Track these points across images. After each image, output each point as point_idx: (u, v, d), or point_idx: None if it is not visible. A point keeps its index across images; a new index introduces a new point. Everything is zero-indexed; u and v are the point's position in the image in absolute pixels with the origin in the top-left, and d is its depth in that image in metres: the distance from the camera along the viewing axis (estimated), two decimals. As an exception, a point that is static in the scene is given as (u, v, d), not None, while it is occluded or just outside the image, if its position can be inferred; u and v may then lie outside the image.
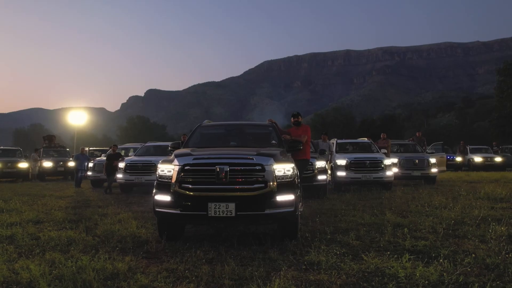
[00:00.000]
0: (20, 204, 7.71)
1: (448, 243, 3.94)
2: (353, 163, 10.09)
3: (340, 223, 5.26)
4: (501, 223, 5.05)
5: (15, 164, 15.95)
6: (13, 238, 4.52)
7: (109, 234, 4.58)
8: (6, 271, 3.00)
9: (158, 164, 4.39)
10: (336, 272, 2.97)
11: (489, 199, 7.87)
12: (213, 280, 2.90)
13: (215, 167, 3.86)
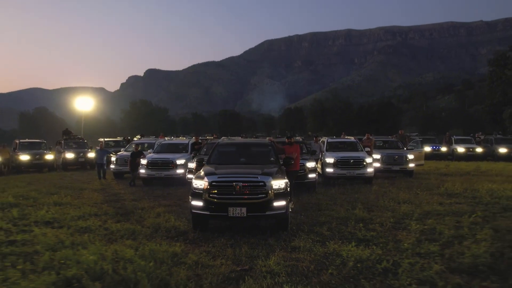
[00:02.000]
0: (71, 199, 9.66)
1: (388, 234, 5.88)
2: (339, 161, 12.00)
3: (320, 217, 7.20)
4: (434, 217, 6.99)
5: (42, 156, 17.88)
6: (89, 229, 6.46)
7: (156, 226, 6.52)
8: (109, 253, 4.92)
9: (193, 179, 6.24)
10: (308, 253, 4.91)
11: (444, 195, 9.80)
12: (235, 258, 4.82)
13: (233, 183, 5.76)
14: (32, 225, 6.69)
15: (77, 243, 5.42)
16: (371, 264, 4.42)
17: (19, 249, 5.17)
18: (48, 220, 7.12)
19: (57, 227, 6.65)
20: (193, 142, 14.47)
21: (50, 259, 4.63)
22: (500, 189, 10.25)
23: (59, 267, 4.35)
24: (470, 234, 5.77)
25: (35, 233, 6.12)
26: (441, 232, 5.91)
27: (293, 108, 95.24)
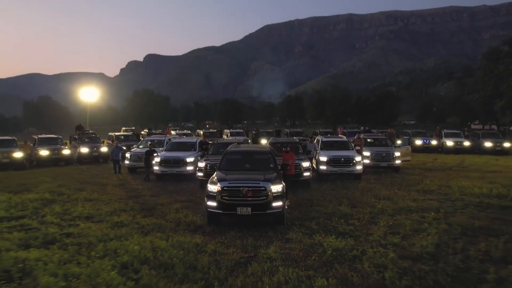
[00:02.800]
0: (97, 195, 11.18)
1: (363, 228, 7.40)
2: (331, 159, 13.48)
3: (311, 212, 8.72)
4: (405, 213, 8.50)
5: (60, 151, 19.37)
6: (123, 223, 7.97)
7: (177, 221, 8.04)
8: (147, 243, 6.44)
9: (208, 184, 7.70)
10: (298, 244, 6.43)
11: (421, 191, 11.31)
12: (243, 247, 6.34)
13: (240, 188, 7.25)
14: (76, 220, 8.22)
15: (119, 235, 6.94)
16: (344, 252, 5.94)
17: (76, 240, 6.70)
18: (87, 215, 8.65)
19: (96, 221, 8.18)
20: (201, 141, 15.96)
21: (104, 248, 6.16)
22: (470, 186, 11.77)
23: (114, 254, 5.87)
24: (428, 228, 7.30)
25: (82, 227, 7.65)
26: (404, 226, 7.44)
27: (293, 95, 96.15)
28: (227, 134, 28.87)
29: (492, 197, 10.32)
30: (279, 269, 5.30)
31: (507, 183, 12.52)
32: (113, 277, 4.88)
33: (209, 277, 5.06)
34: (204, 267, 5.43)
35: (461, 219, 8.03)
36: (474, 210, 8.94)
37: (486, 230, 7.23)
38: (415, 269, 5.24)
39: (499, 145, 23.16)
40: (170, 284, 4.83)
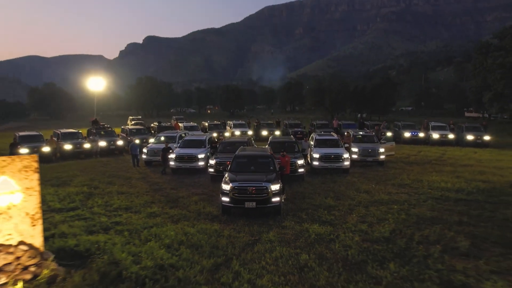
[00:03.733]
0: (127, 188, 13.43)
1: (341, 217, 9.65)
2: (323, 156, 15.67)
3: (302, 204, 10.96)
4: (377, 205, 10.73)
5: (81, 145, 21.54)
6: (155, 214, 10.22)
7: (197, 211, 10.29)
8: (179, 230, 8.69)
9: (222, 183, 9.90)
10: (291, 230, 8.69)
11: (396, 185, 13.53)
12: (250, 232, 8.59)
13: (247, 188, 9.46)
14: (118, 211, 10.47)
15: (156, 224, 9.20)
16: (324, 236, 8.20)
17: (125, 227, 8.95)
18: (125, 207, 10.90)
19: (134, 212, 10.43)
20: (210, 138, 18.14)
21: (149, 233, 8.41)
22: (438, 180, 14.01)
23: (157, 238, 8.13)
24: (390, 218, 9.55)
25: (124, 216, 9.90)
26: (373, 216, 9.70)
27: (293, 82, 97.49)
28: (230, 126, 30.99)
29: (452, 191, 12.56)
30: (276, 248, 7.57)
31: (470, 177, 14.76)
32: (163, 254, 7.14)
33: (228, 253, 7.33)
34: (223, 246, 7.70)
35: (419, 211, 10.28)
36: (433, 203, 11.18)
37: (435, 219, 9.49)
38: (371, 248, 7.51)
39: (479, 138, 25.27)
40: (201, 258, 7.09)
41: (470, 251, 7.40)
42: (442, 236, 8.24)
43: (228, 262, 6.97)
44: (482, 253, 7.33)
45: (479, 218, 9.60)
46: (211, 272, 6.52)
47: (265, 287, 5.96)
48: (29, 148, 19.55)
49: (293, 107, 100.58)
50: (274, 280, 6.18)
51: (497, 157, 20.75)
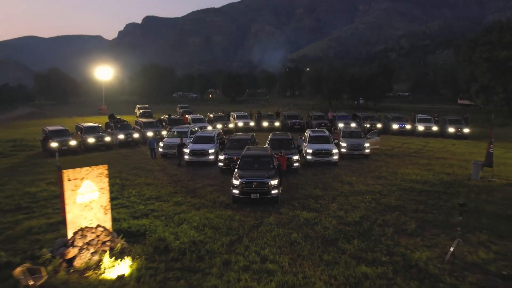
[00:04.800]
0: (152, 180, 16.20)
1: (325, 205, 12.46)
2: (315, 151, 18.39)
3: (296, 194, 13.76)
4: (355, 195, 13.51)
5: (103, 138, 24.22)
6: (180, 202, 13.02)
7: (213, 200, 13.09)
8: (201, 215, 11.49)
9: (232, 179, 12.66)
10: (286, 215, 11.50)
11: (375, 177, 16.30)
12: (255, 217, 11.41)
13: (252, 183, 12.24)
14: (150, 200, 13.27)
15: (183, 211, 12.01)
16: (310, 220, 11.01)
17: (160, 214, 11.76)
18: (155, 196, 13.70)
19: (163, 201, 13.23)
20: (218, 133, 20.82)
21: (179, 218, 11.22)
22: (411, 173, 16.78)
23: (186, 222, 10.94)
24: (362, 206, 12.34)
25: (156, 205, 12.70)
26: (350, 204, 12.51)
27: (293, 67, 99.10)
28: (234, 117, 33.56)
29: (420, 183, 15.34)
30: (274, 229, 10.39)
31: (439, 170, 17.53)
32: (194, 234, 9.96)
33: (239, 232, 10.15)
34: (236, 228, 10.52)
35: (387, 200, 13.08)
36: (401, 193, 13.97)
37: (397, 207, 12.30)
38: (343, 229, 10.33)
39: (460, 131, 27.87)
40: (221, 236, 9.91)
41: (415, 232, 10.23)
42: (398, 220, 11.07)
43: (240, 239, 9.80)
44: (423, 233, 10.16)
45: (432, 207, 12.40)
46: (228, 245, 9.35)
47: (267, 256, 8.79)
48: (58, 142, 22.24)
49: (293, 91, 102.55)
50: (273, 251, 9.02)
51: (471, 150, 23.43)
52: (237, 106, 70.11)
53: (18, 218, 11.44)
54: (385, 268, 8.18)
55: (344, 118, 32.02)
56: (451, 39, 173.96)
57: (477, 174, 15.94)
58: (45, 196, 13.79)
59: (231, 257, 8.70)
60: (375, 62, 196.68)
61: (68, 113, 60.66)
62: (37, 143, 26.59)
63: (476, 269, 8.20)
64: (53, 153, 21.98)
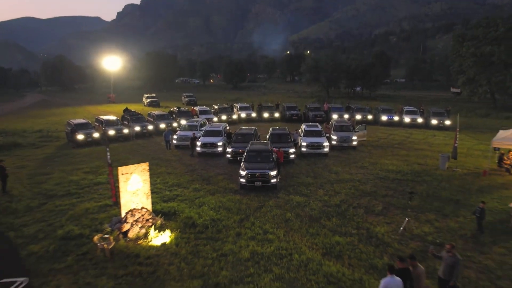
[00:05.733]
0: (171, 169, 19.31)
1: (314, 191, 15.62)
2: (309, 144, 21.46)
3: (291, 182, 16.91)
4: (339, 183, 16.65)
5: (122, 130, 27.23)
6: (198, 189, 16.18)
7: (224, 187, 16.24)
8: (216, 199, 14.65)
9: (240, 170, 15.78)
10: (282, 199, 14.68)
11: (358, 167, 19.41)
12: (258, 200, 14.59)
13: (256, 173, 15.38)
14: (173, 187, 16.41)
15: (201, 196, 15.17)
16: (301, 203, 14.19)
17: (183, 198, 14.92)
18: (176, 184, 16.84)
19: (183, 187, 16.38)
20: (224, 127, 23.83)
21: (199, 202, 14.40)
22: (389, 163, 19.88)
23: (205, 205, 14.11)
24: (343, 192, 15.50)
25: (179, 191, 15.86)
26: (334, 190, 15.67)
27: (293, 54, 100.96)
28: (237, 108, 36.46)
29: (394, 172, 18.46)
30: (273, 210, 13.58)
31: (413, 161, 20.63)
32: (212, 213, 13.14)
33: (246, 212, 13.34)
34: (244, 209, 13.70)
35: (365, 187, 16.24)
36: (377, 181, 17.11)
37: (371, 193, 15.45)
38: (326, 210, 13.52)
39: (442, 123, 30.84)
40: (232, 215, 13.09)
41: (380, 212, 13.42)
42: (369, 203, 14.25)
43: (247, 217, 12.98)
44: (386, 213, 13.34)
45: (399, 193, 15.55)
46: (239, 222, 12.54)
47: (267, 229, 11.97)
48: (83, 134, 25.28)
49: (292, 77, 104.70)
50: (272, 226, 12.21)
51: (448, 141, 26.39)
52: (239, 93, 72.80)
53: (73, 202, 14.62)
54: (353, 238, 11.38)
55: (338, 110, 34.94)
56: (451, 23, 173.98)
57: (443, 164, 19.05)
58: (87, 184, 16.95)
59: (241, 230, 11.90)
60: (375, 45, 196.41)
61: (77, 100, 63.45)
62: (61, 134, 29.67)
63: (418, 239, 11.41)
64: (80, 144, 25.11)
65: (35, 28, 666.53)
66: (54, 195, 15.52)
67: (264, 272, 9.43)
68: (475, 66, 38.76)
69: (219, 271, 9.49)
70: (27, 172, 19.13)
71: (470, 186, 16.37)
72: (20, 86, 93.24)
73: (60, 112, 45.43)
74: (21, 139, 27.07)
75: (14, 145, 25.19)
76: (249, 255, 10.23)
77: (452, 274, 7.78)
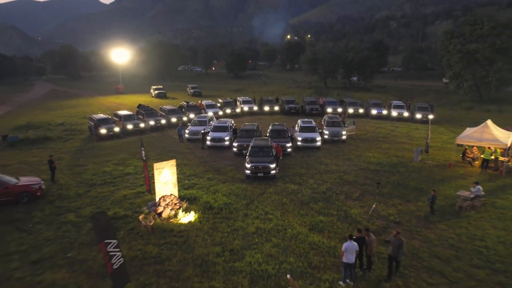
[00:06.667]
0: (186, 161, 22.79)
1: (305, 180, 19.15)
2: (303, 139, 24.90)
3: (287, 172, 20.43)
4: (327, 173, 20.16)
5: (138, 125, 30.59)
6: (211, 178, 19.70)
7: (232, 176, 19.76)
8: (227, 187, 18.17)
9: (246, 163, 19.28)
10: (280, 187, 18.20)
11: (345, 159, 22.89)
12: (260, 188, 18.13)
13: (259, 165, 18.90)
14: (191, 176, 19.92)
15: (213, 184, 18.70)
16: (295, 191, 17.72)
17: (199, 186, 18.45)
18: (193, 174, 20.34)
19: (199, 177, 19.89)
20: (230, 123, 27.23)
21: (213, 189, 17.93)
22: (371, 156, 23.35)
23: (218, 191, 17.65)
24: (329, 181, 19.03)
25: (195, 180, 19.38)
26: (322, 180, 19.20)
27: (293, 42, 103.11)
28: (240, 102, 39.71)
29: (375, 164, 21.95)
30: (272, 196, 17.13)
31: (393, 153, 24.10)
32: (225, 199, 16.68)
33: (251, 198, 16.90)
34: (249, 195, 17.25)
35: (348, 177, 19.75)
36: (358, 172, 20.61)
37: (352, 182, 18.97)
38: (314, 196, 17.08)
39: (425, 117, 34.12)
40: (239, 199, 16.65)
41: (357, 198, 16.96)
42: (349, 190, 17.79)
43: (252, 202, 16.54)
44: (362, 199, 16.89)
45: (375, 181, 19.04)
46: (246, 205, 16.10)
47: (268, 211, 15.51)
48: (106, 128, 28.67)
49: (292, 65, 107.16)
50: (272, 208, 15.75)
51: (430, 136, 29.78)
52: (240, 82, 75.71)
53: (111, 189, 18.18)
54: (333, 218, 14.96)
55: (332, 103, 38.20)
56: (451, 9, 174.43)
57: (417, 157, 22.52)
58: (119, 174, 20.47)
59: (248, 211, 15.47)
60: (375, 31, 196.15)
61: (87, 90, 66.44)
62: (82, 127, 33.08)
63: (383, 218, 14.99)
64: (102, 138, 28.55)
65: (33, 11, 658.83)
66: (94, 183, 19.06)
67: (266, 241, 13.02)
68: (461, 62, 41.74)
69: (233, 240, 13.08)
70: (65, 163, 22.61)
71: (435, 176, 19.90)
72: (27, 74, 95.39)
73: (75, 104, 48.61)
74: (50, 133, 30.43)
75: (45, 139, 28.59)
76: (254, 230, 13.82)
77: (399, 252, 11.05)
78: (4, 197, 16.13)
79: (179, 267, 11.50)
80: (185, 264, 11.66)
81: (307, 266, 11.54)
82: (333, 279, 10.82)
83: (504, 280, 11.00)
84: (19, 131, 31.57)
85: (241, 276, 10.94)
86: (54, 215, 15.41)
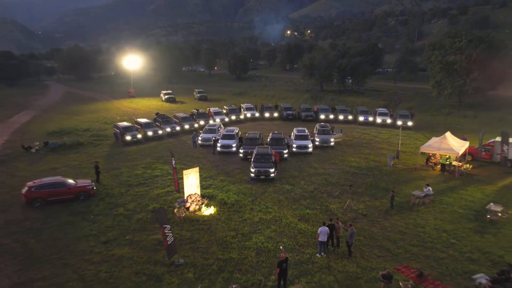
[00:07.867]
0: (201, 165, 27.85)
1: (298, 181, 24.23)
2: (297, 146, 29.97)
3: (283, 175, 25.51)
4: (314, 176, 25.23)
5: (157, 131, 35.60)
6: (223, 179, 24.76)
7: (240, 179, 24.84)
8: (235, 188, 23.24)
9: (251, 167, 24.37)
10: (277, 187, 23.31)
11: (330, 163, 27.95)
12: (262, 187, 23.21)
13: (261, 169, 24.01)
14: (207, 178, 25.00)
15: (226, 185, 23.79)
16: (289, 190, 22.82)
17: (215, 186, 23.53)
18: (208, 176, 25.41)
19: (213, 179, 24.97)
20: (237, 131, 32.28)
21: (226, 189, 23.02)
22: (353, 160, 28.43)
23: (240, 192, 22.71)
24: (316, 182, 24.12)
25: (211, 182, 24.47)
26: (311, 181, 24.29)
27: (292, 44, 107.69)
28: (243, 109, 44.72)
29: (355, 167, 27.00)
30: (272, 194, 22.22)
31: (372, 158, 29.16)
32: (235, 197, 21.76)
33: (255, 196, 21.99)
34: (253, 193, 22.35)
35: (332, 179, 24.83)
36: (341, 174, 25.69)
37: (334, 183, 24.04)
38: (304, 195, 22.18)
39: (405, 123, 39.08)
40: (246, 196, 21.76)
41: (337, 196, 22.05)
42: (331, 190, 22.88)
43: (256, 199, 21.64)
44: (341, 197, 21.97)
45: (353, 183, 24.10)
46: (251, 202, 21.19)
47: (268, 206, 20.58)
48: (130, 135, 33.68)
49: (292, 66, 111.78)
50: (271, 204, 20.82)
51: (406, 141, 34.70)
52: (242, 84, 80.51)
53: (146, 189, 23.26)
54: (316, 211, 20.06)
55: (325, 110, 43.20)
56: (447, 8, 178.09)
57: (390, 162, 27.58)
58: (149, 176, 25.54)
59: (253, 206, 20.57)
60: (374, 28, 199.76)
61: (100, 93, 71.18)
62: (106, 132, 38.07)
63: (353, 211, 20.09)
64: (127, 143, 33.59)
65: (32, 4, 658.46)
66: (131, 184, 24.15)
67: (267, 228, 18.14)
68: (441, 72, 46.62)
69: (243, 227, 18.20)
70: (102, 167, 27.64)
71: (401, 179, 24.99)
72: (38, 75, 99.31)
73: (94, 109, 53.44)
74: (81, 139, 35.43)
75: (78, 144, 33.60)
76: (258, 220, 18.94)
77: (351, 239, 16.10)
78: (67, 196, 21.24)
79: (206, 245, 16.63)
80: (210, 243, 16.80)
81: (296, 244, 16.68)
82: (312, 253, 15.96)
83: (429, 253, 16.12)
84: (52, 136, 36.50)
85: (250, 251, 16.09)
86: (107, 209, 20.51)
